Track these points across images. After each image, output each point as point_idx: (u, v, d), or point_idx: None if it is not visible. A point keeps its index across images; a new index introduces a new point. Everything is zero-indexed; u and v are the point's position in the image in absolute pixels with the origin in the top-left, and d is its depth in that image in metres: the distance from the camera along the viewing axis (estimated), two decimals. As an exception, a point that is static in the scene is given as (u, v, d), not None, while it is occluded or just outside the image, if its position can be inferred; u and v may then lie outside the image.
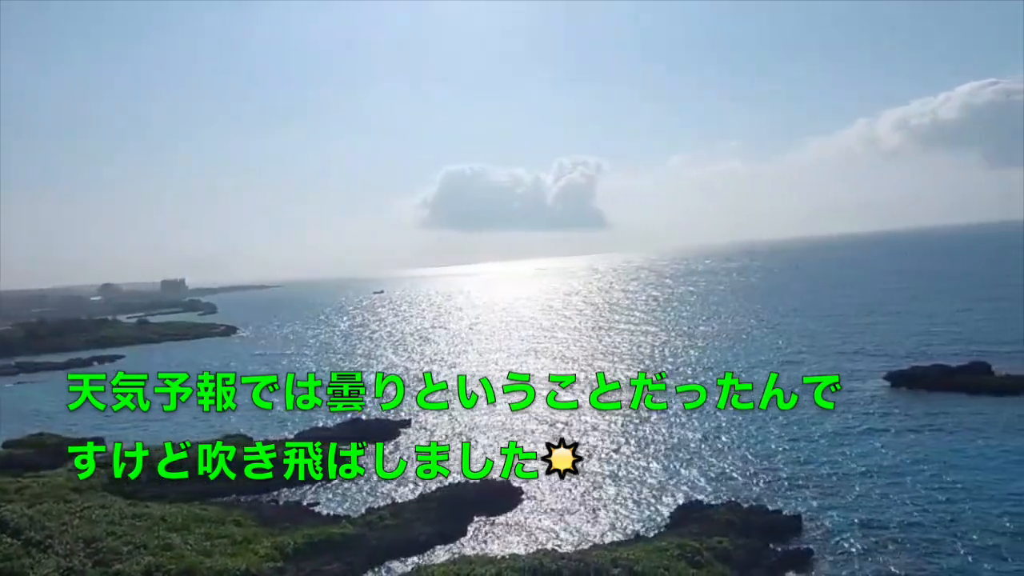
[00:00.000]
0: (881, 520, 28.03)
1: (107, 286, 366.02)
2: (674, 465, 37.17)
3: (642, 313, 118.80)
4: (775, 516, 28.72)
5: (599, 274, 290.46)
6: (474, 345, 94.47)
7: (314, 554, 27.00)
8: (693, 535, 26.46)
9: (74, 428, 56.66)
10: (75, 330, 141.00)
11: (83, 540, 26.73)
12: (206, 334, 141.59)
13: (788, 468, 35.05)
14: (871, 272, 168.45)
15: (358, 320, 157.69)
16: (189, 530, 28.63)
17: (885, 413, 43.20)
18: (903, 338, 68.73)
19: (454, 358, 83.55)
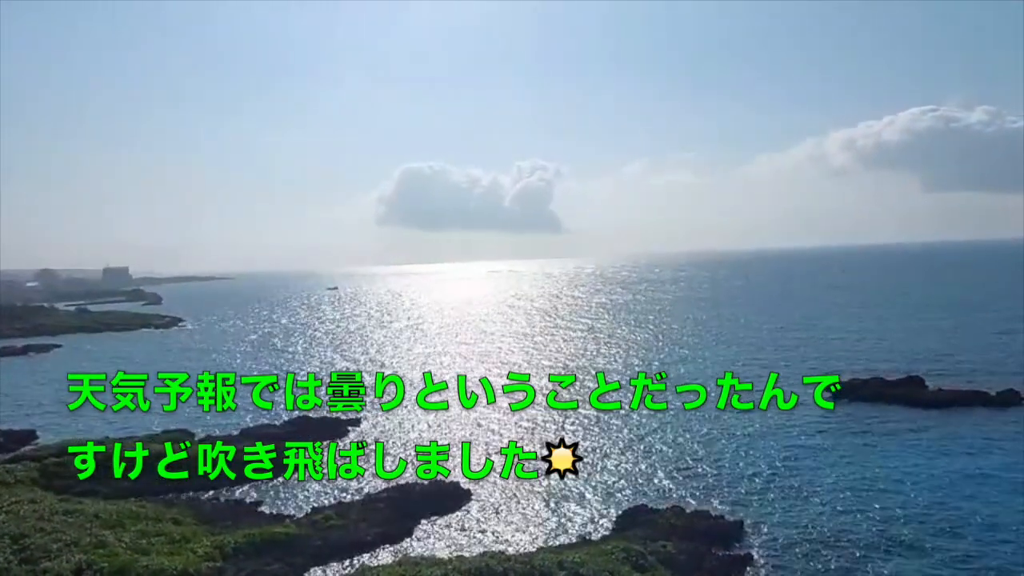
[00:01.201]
0: (818, 528, 28.85)
1: (45, 272, 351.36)
2: (622, 468, 37.62)
3: (583, 319, 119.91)
4: (718, 521, 29.31)
5: (552, 279, 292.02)
6: (413, 346, 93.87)
7: (255, 554, 26.38)
8: (638, 538, 26.81)
9: (5, 420, 54.13)
10: (8, 317, 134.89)
11: (9, 537, 25.56)
12: (147, 324, 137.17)
13: (732, 475, 35.83)
14: (814, 285, 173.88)
15: (302, 317, 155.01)
16: (124, 527, 27.65)
17: (825, 424, 44.50)
18: (842, 351, 71.04)
19: (394, 358, 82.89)
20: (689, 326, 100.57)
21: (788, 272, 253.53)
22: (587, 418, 48.18)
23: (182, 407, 57.39)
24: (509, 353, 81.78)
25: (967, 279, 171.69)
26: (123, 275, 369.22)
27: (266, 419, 51.31)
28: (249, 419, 51.70)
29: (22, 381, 76.26)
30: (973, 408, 46.58)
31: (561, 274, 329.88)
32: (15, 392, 69.24)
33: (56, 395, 65.61)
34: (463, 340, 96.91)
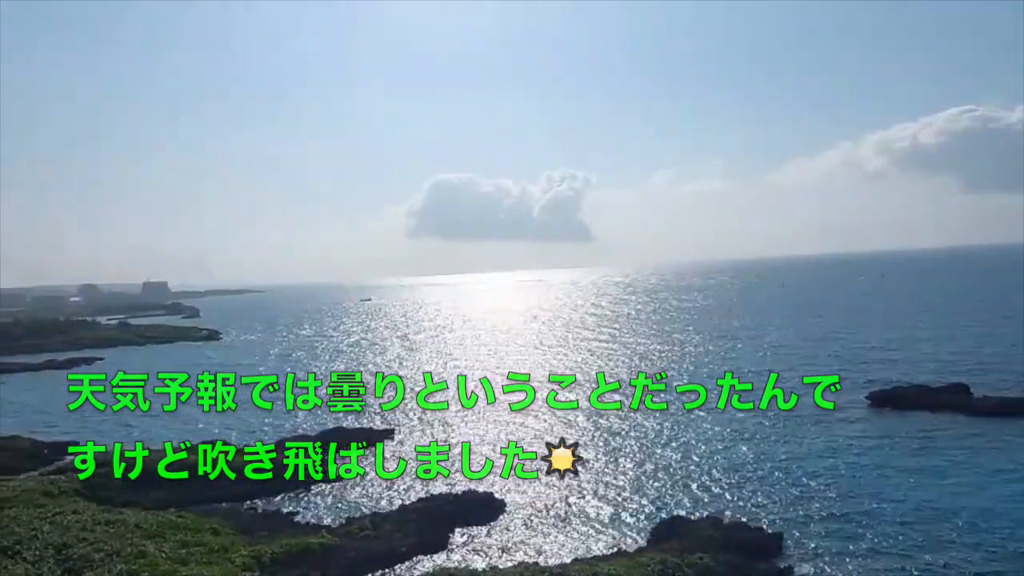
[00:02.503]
0: (863, 541, 28.02)
1: (87, 287, 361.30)
2: (658, 477, 37.09)
3: (615, 327, 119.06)
4: (757, 533, 28.69)
5: (580, 289, 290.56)
6: (443, 358, 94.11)
7: (292, 564, 26.53)
8: (675, 550, 26.33)
9: (47, 431, 55.57)
10: (52, 331, 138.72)
11: (53, 547, 26.10)
12: (186, 337, 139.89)
13: (771, 485, 35.08)
14: (853, 292, 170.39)
15: (338, 328, 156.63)
16: (164, 537, 28.04)
17: (868, 433, 43.43)
18: (884, 359, 69.34)
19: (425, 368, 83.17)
20: (719, 335, 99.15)
21: (823, 279, 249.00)
22: (621, 425, 47.73)
23: (226, 417, 58.70)
24: (538, 365, 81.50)
25: (1008, 283, 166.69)
26: (162, 289, 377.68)
27: (304, 428, 51.90)
28: (287, 427, 52.43)
29: (66, 393, 78.13)
30: (1022, 416, 45.06)
31: (589, 283, 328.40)
32: (59, 404, 71.03)
33: (100, 406, 67.13)
34: (490, 352, 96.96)
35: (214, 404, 32.34)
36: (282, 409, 61.47)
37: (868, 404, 50.19)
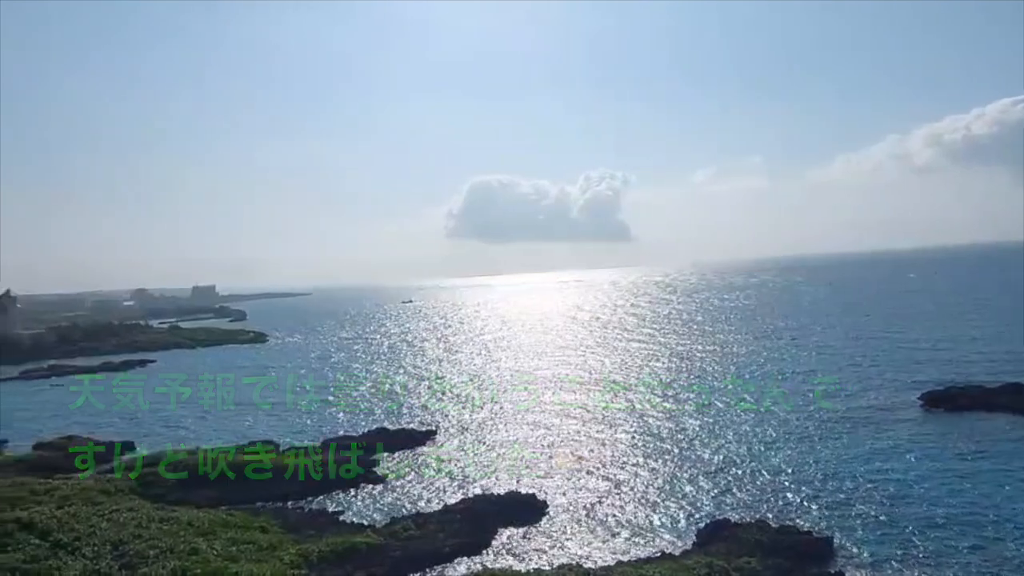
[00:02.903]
0: (916, 548, 27.19)
1: (140, 291, 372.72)
2: (703, 479, 36.58)
3: (653, 329, 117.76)
4: (805, 537, 28.05)
5: (619, 289, 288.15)
6: (503, 358, 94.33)
7: (338, 563, 26.96)
8: (721, 554, 25.96)
9: (105, 430, 57.49)
10: (107, 334, 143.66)
11: (110, 543, 27.01)
12: (234, 340, 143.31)
13: (820, 488, 34.28)
14: (903, 290, 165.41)
15: (379, 330, 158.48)
16: (215, 535, 28.78)
17: (921, 435, 42.13)
18: (939, 358, 67.14)
19: (485, 370, 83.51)
20: (761, 335, 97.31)
21: (871, 277, 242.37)
22: (664, 426, 47.24)
23: (274, 418, 59.98)
24: (578, 367, 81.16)
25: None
26: (210, 293, 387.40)
27: (346, 430, 52.68)
28: (328, 429, 53.29)
29: (121, 394, 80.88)
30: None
31: (629, 284, 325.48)
32: (115, 405, 73.53)
33: (152, 408, 69.43)
34: (528, 353, 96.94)
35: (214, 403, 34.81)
36: (329, 410, 62.75)
37: (921, 405, 48.69)
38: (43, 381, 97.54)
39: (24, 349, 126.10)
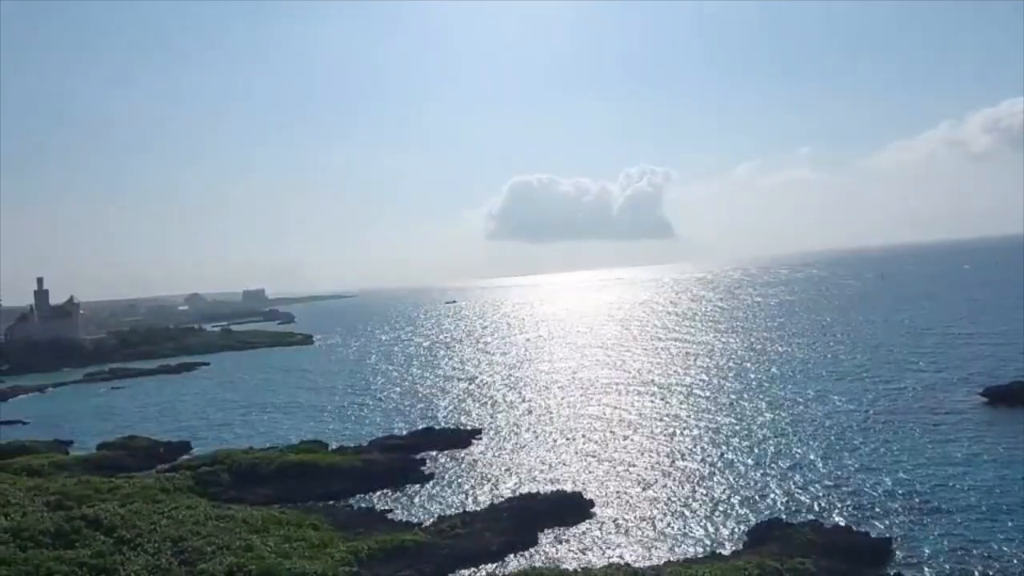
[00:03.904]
0: (979, 549, 26.17)
1: (193, 296, 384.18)
2: (754, 479, 35.92)
3: (697, 328, 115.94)
4: (862, 538, 27.29)
5: (661, 286, 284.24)
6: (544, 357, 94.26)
7: (387, 560, 27.34)
8: (773, 555, 25.40)
9: (164, 432, 59.44)
10: (164, 338, 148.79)
11: (170, 540, 27.92)
12: (283, 342, 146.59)
13: (877, 487, 33.29)
14: (961, 283, 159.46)
15: (424, 329, 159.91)
16: (269, 532, 29.51)
17: (984, 431, 40.57)
18: (1001, 352, 64.55)
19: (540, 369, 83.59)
20: (817, 329, 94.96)
21: (925, 269, 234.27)
22: (707, 427, 46.54)
23: (322, 418, 61.15)
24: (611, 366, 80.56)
25: None
26: (260, 296, 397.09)
27: (393, 430, 53.36)
28: (378, 430, 54.03)
29: (178, 396, 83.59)
30: None
31: (671, 281, 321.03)
32: (172, 406, 76.00)
33: (207, 409, 71.56)
34: (562, 355, 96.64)
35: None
36: (375, 410, 63.70)
37: (983, 401, 46.91)
38: (105, 383, 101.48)
39: (87, 353, 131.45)
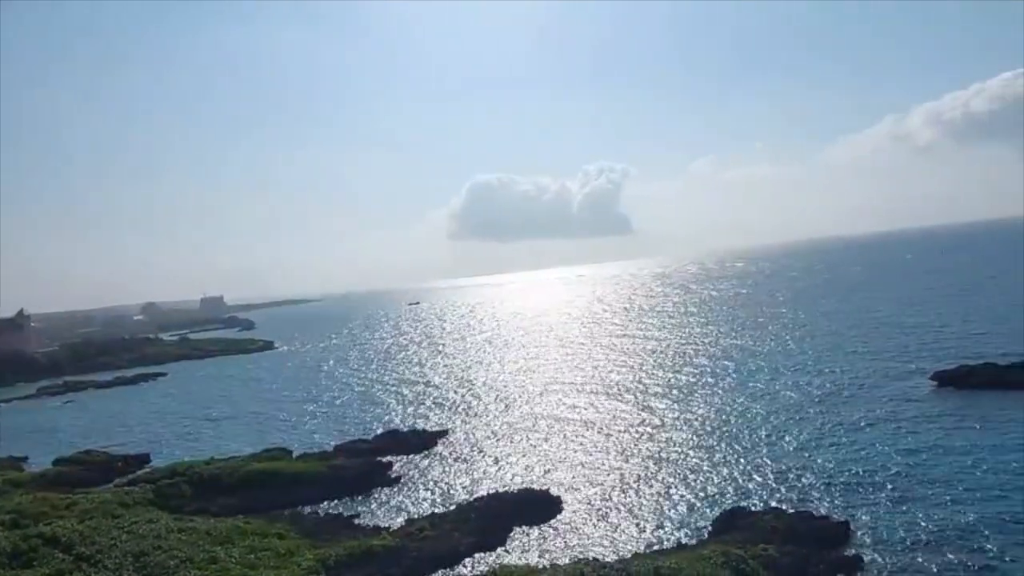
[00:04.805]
0: (935, 527, 27.14)
1: (149, 305, 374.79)
2: (716, 469, 36.60)
3: (662, 320, 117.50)
4: (822, 522, 28.07)
5: (620, 283, 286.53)
6: (505, 356, 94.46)
7: (356, 566, 27.16)
8: (737, 542, 26.00)
9: (122, 445, 58.00)
10: (119, 349, 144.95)
11: (131, 555, 27.30)
12: (243, 350, 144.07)
13: (834, 472, 34.25)
14: (909, 271, 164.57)
15: (396, 332, 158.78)
16: (233, 543, 29.05)
17: (934, 414, 41.99)
18: (947, 337, 66.81)
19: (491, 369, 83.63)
20: (771, 321, 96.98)
21: (880, 258, 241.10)
22: (668, 419, 47.25)
23: (285, 425, 60.34)
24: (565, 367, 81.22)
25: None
26: (219, 303, 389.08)
27: (358, 434, 52.91)
28: (342, 435, 53.51)
29: (135, 408, 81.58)
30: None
31: (629, 277, 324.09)
32: (130, 418, 74.14)
33: (166, 420, 69.99)
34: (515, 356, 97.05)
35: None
36: (340, 414, 63.06)
37: (933, 385, 48.54)
38: (59, 397, 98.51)
39: (40, 367, 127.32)
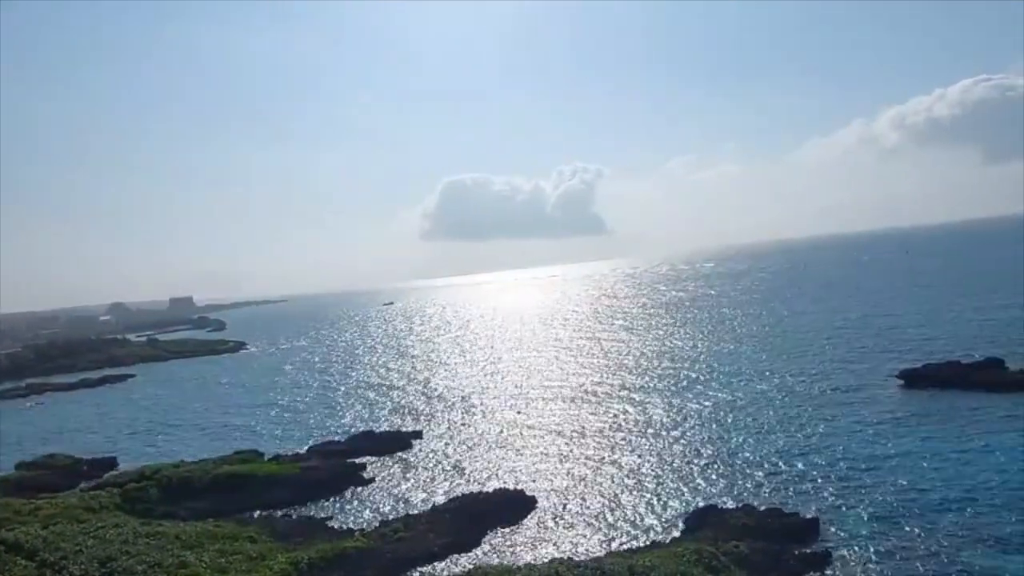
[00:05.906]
0: (900, 520, 27.77)
1: (116, 305, 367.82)
2: (688, 468, 36.96)
3: (631, 321, 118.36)
4: (792, 518, 28.50)
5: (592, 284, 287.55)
6: (483, 357, 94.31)
7: (329, 568, 26.91)
8: (709, 540, 26.29)
9: (86, 448, 56.75)
10: (85, 350, 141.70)
11: (98, 560, 26.71)
12: (214, 351, 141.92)
13: (803, 469, 34.82)
14: (876, 271, 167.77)
15: (368, 332, 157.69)
16: (203, 547, 28.58)
17: (900, 412, 42.86)
18: (913, 337, 68.23)
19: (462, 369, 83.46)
20: (741, 322, 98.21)
21: (848, 258, 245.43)
22: (640, 419, 47.60)
23: (257, 427, 59.60)
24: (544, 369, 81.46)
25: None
26: (188, 304, 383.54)
27: (332, 435, 52.45)
28: (315, 436, 53.01)
29: (101, 410, 79.88)
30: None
31: (600, 277, 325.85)
32: (95, 421, 72.58)
33: (133, 423, 68.63)
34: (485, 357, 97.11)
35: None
36: (313, 415, 62.41)
37: (900, 384, 49.52)
38: (21, 400, 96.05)
39: (2, 369, 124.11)
